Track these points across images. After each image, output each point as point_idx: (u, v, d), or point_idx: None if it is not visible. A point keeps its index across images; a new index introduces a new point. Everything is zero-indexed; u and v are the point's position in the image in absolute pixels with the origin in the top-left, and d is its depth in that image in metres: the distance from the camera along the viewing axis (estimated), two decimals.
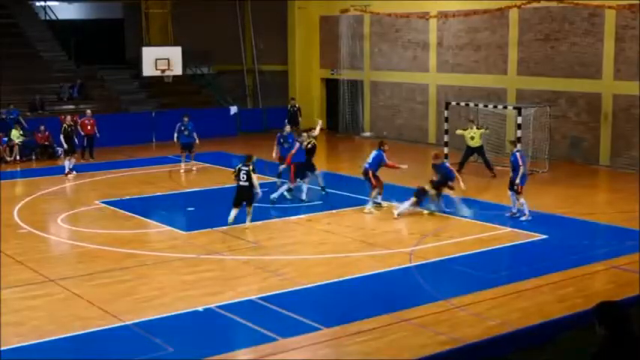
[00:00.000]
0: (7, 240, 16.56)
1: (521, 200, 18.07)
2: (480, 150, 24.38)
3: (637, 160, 24.12)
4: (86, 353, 10.79)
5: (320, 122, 22.62)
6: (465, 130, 24.44)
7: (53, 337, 11.12)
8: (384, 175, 19.63)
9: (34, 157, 27.61)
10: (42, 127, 27.94)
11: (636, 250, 15.37)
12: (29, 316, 12.03)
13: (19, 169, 26.43)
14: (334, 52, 34.79)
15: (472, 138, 24.08)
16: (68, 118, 25.52)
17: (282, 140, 21.89)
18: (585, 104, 26.21)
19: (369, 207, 19.00)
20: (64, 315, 12.06)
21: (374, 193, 19.15)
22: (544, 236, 16.64)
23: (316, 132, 21.34)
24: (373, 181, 19.16)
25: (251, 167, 17.45)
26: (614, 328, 5.96)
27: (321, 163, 24.78)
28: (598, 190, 23.34)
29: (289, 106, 31.96)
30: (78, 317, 11.94)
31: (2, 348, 10.63)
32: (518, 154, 18.23)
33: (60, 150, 27.55)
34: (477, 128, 24.33)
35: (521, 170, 17.97)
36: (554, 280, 13.59)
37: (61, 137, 24.98)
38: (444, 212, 18.73)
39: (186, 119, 25.17)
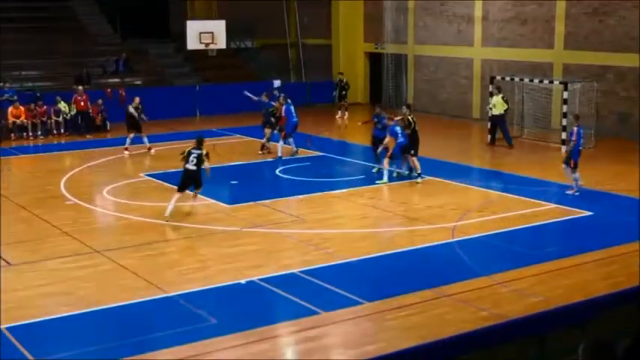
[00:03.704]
0: (54, 211, 16.85)
1: (575, 175, 18.03)
2: (499, 119, 24.24)
3: None
4: (132, 323, 10.98)
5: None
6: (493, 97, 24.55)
7: (100, 307, 11.33)
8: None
9: (81, 130, 27.91)
10: (80, 88, 27.96)
11: None
12: (77, 285, 12.27)
13: (64, 141, 26.78)
14: (378, 26, 34.57)
15: (494, 105, 24.11)
16: (137, 99, 24.19)
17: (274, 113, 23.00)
18: (634, 79, 25.72)
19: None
20: (111, 286, 12.27)
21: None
22: (589, 213, 16.46)
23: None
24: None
25: (204, 152, 16.34)
26: None
27: (364, 138, 24.69)
28: None
29: (337, 80, 31.96)
30: (124, 288, 12.14)
31: (52, 317, 10.91)
32: (574, 128, 18.12)
33: (108, 124, 27.93)
34: (502, 98, 24.29)
35: (572, 145, 17.94)
36: (599, 258, 13.46)
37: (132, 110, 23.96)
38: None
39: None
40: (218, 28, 31.49)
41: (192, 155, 16.22)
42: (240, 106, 29.14)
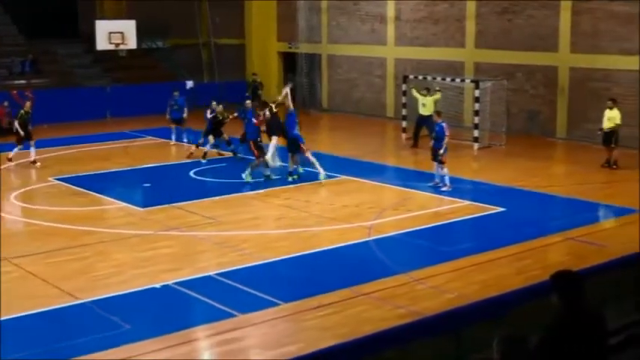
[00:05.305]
0: None
1: (444, 170, 18.42)
2: (427, 120, 24.18)
3: (592, 132, 24.21)
4: (43, 332, 10.60)
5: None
6: (420, 94, 24.37)
7: (9, 316, 10.89)
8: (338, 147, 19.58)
9: None
10: None
11: (592, 222, 15.55)
12: None
13: None
14: (292, 26, 34.53)
15: (423, 105, 24.09)
16: (28, 104, 22.85)
17: (242, 116, 21.84)
18: (542, 77, 26.37)
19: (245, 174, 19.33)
20: (20, 294, 11.83)
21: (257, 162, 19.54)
22: (502, 209, 16.74)
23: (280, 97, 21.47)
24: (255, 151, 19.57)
25: None
26: (568, 297, 5.97)
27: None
28: (555, 163, 23.55)
29: (251, 80, 31.79)
30: (34, 296, 11.73)
31: None
32: (444, 124, 18.66)
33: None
34: (430, 95, 24.27)
35: (446, 140, 18.39)
36: (513, 252, 13.68)
37: (16, 123, 22.70)
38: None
39: (176, 94, 25.15)
40: (128, 27, 30.97)
41: None
42: (152, 108, 28.75)
